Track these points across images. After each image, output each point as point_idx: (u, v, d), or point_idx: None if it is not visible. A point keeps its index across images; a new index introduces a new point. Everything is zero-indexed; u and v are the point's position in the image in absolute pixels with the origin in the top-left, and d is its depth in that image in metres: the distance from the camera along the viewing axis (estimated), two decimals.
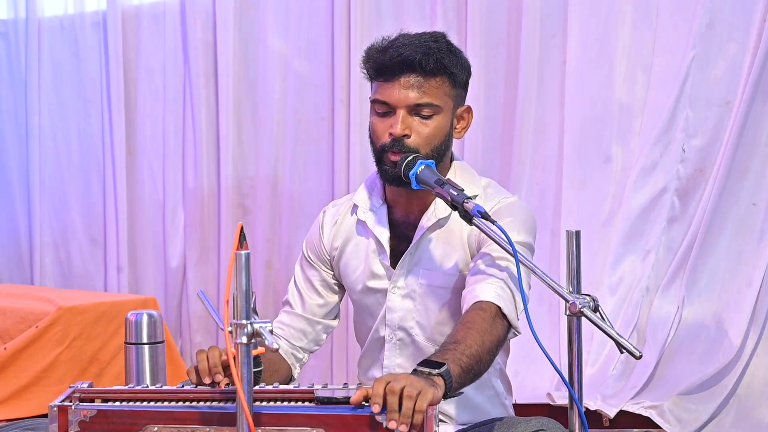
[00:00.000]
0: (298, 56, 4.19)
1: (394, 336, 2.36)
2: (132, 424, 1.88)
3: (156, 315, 3.52)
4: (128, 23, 4.46)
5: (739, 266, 3.62)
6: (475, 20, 3.87)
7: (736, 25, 3.61)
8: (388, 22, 3.99)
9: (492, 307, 2.11)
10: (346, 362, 4.10)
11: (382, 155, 2.28)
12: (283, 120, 4.23)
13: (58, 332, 3.74)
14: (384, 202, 2.38)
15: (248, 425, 1.73)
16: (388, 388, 1.79)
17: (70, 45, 4.56)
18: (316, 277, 2.46)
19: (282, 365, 2.41)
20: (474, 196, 2.30)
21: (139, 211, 4.50)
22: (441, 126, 2.28)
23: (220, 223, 4.35)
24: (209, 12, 4.29)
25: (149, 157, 4.47)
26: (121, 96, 4.44)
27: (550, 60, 3.82)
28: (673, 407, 3.50)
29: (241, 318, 1.73)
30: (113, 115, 4.45)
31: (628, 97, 3.74)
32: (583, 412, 2.01)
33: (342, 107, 4.08)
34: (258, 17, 4.25)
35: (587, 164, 3.79)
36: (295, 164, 4.23)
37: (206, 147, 4.32)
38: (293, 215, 4.24)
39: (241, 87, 4.28)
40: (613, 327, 1.96)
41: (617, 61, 3.75)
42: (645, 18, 3.72)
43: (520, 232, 2.24)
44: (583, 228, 2.25)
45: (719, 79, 3.62)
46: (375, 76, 2.30)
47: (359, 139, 4.04)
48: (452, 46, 2.30)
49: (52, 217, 4.62)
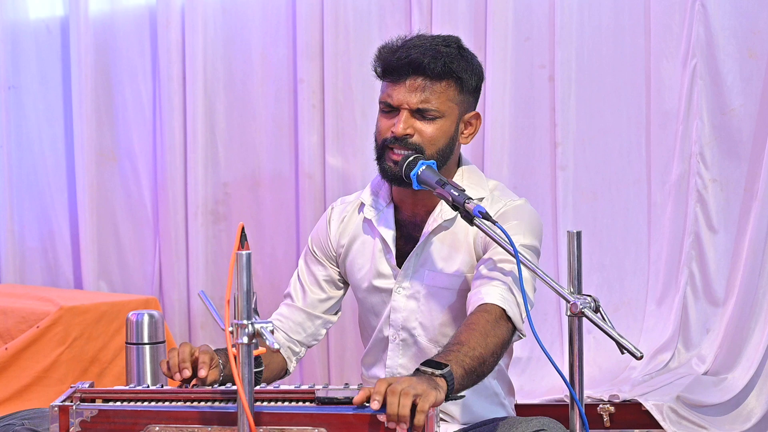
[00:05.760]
0: (275, 60, 4.14)
1: (398, 336, 2.36)
2: (133, 424, 1.88)
3: (157, 315, 3.51)
4: (99, 27, 4.38)
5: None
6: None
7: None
8: (365, 25, 3.96)
9: (496, 309, 2.11)
10: (344, 361, 4.09)
11: (383, 151, 2.28)
12: (261, 125, 4.18)
13: (59, 332, 3.74)
14: (391, 202, 2.38)
15: (249, 425, 1.73)
16: (389, 388, 1.79)
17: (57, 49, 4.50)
18: (321, 273, 2.46)
19: (275, 359, 2.40)
20: (480, 198, 2.30)
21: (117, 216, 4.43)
22: (445, 129, 2.27)
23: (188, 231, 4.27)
24: (181, 15, 4.22)
25: (131, 161, 4.39)
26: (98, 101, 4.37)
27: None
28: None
29: (242, 318, 1.73)
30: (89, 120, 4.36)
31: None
32: (583, 412, 2.01)
33: (316, 113, 4.04)
34: (234, 21, 4.20)
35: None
36: (274, 170, 4.20)
37: (183, 152, 4.23)
38: (276, 222, 4.18)
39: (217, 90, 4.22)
40: (614, 327, 1.96)
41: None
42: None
43: (525, 235, 2.24)
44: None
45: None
46: (382, 76, 2.30)
47: (335, 145, 4.01)
48: (464, 51, 2.30)
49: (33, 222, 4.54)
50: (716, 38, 3.63)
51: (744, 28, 3.63)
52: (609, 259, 3.81)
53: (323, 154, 4.04)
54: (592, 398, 3.55)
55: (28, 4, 4.54)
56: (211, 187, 4.23)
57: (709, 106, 3.67)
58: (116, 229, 4.42)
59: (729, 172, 3.69)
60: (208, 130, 4.22)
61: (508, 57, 3.81)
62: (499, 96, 3.82)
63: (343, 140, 4.02)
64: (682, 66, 3.67)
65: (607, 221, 3.81)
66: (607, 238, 3.81)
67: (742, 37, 3.63)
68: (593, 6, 3.77)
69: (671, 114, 3.71)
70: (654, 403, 3.48)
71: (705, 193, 3.70)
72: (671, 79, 3.71)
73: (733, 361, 3.66)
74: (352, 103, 4.00)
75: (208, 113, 4.22)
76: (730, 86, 3.65)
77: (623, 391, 3.56)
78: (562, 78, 3.76)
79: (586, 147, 3.81)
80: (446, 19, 3.83)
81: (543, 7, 3.80)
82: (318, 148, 4.05)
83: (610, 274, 3.81)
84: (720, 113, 3.67)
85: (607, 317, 1.99)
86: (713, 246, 3.71)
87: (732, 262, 3.71)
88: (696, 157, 3.69)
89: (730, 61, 3.64)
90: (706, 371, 3.70)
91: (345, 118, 4.01)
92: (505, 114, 3.83)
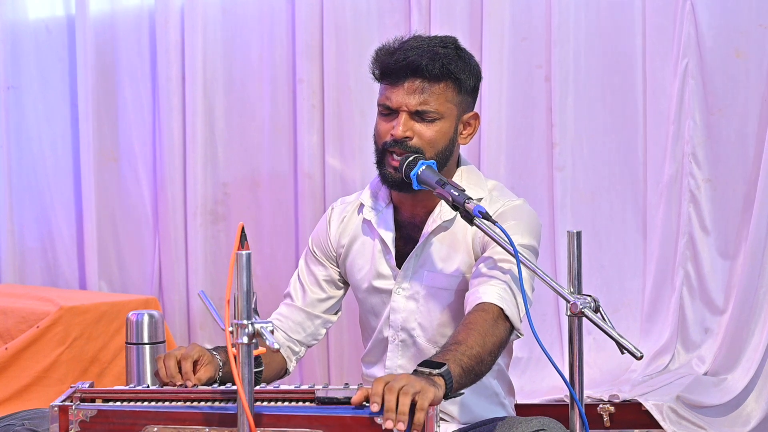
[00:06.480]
0: (274, 60, 4.13)
1: (397, 337, 2.36)
2: (132, 424, 1.88)
3: (157, 315, 3.51)
4: (100, 28, 4.37)
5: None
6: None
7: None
8: (364, 26, 3.96)
9: (494, 308, 2.11)
10: (343, 361, 4.09)
11: (383, 155, 2.28)
12: (261, 126, 4.17)
13: (59, 332, 3.74)
14: (390, 203, 2.38)
15: (249, 425, 1.73)
16: (386, 387, 1.79)
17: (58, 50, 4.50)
18: (321, 273, 2.46)
19: (274, 358, 2.40)
20: (479, 198, 2.30)
21: (117, 216, 4.42)
22: (444, 131, 2.27)
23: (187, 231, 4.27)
24: (180, 15, 4.21)
25: (131, 162, 4.39)
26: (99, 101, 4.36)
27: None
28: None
29: (242, 318, 1.73)
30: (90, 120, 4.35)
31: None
32: (583, 412, 2.01)
33: (315, 113, 4.04)
34: (233, 21, 4.19)
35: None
36: (273, 170, 4.20)
37: (182, 152, 4.21)
38: (275, 223, 4.18)
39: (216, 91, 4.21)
40: (614, 327, 1.96)
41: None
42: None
43: (524, 235, 2.24)
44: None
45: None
46: (381, 78, 2.30)
47: (334, 145, 4.01)
48: (461, 52, 2.30)
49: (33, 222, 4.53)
50: (705, 38, 3.64)
51: (730, 27, 3.64)
52: (608, 259, 3.81)
53: (323, 154, 4.04)
54: (592, 398, 3.55)
55: (28, 5, 4.54)
56: (210, 187, 4.23)
57: (701, 105, 3.68)
58: (116, 229, 4.42)
59: (722, 172, 3.69)
60: (208, 131, 4.22)
61: (504, 57, 3.82)
62: (496, 96, 3.82)
63: (343, 140, 4.02)
64: (674, 66, 3.68)
65: (605, 222, 3.81)
66: (606, 239, 3.81)
67: (729, 37, 3.64)
68: (589, 6, 3.77)
69: (664, 114, 3.72)
70: (654, 403, 3.48)
71: (698, 193, 3.71)
72: (664, 79, 3.71)
73: (732, 362, 3.67)
74: (351, 103, 4.00)
75: (207, 113, 4.21)
76: (720, 86, 3.66)
77: (623, 391, 3.56)
78: (558, 78, 3.76)
79: (583, 147, 3.81)
80: (444, 20, 3.83)
81: (539, 8, 3.80)
82: (317, 148, 4.05)
83: (609, 275, 3.81)
84: (710, 113, 3.68)
85: (607, 317, 1.99)
86: (707, 246, 3.72)
87: (730, 263, 3.71)
88: (688, 157, 3.70)
89: (718, 61, 3.65)
90: (706, 371, 3.70)
91: (344, 118, 4.01)
92: (502, 114, 3.83)
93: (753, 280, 3.62)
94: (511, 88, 3.83)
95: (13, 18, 4.53)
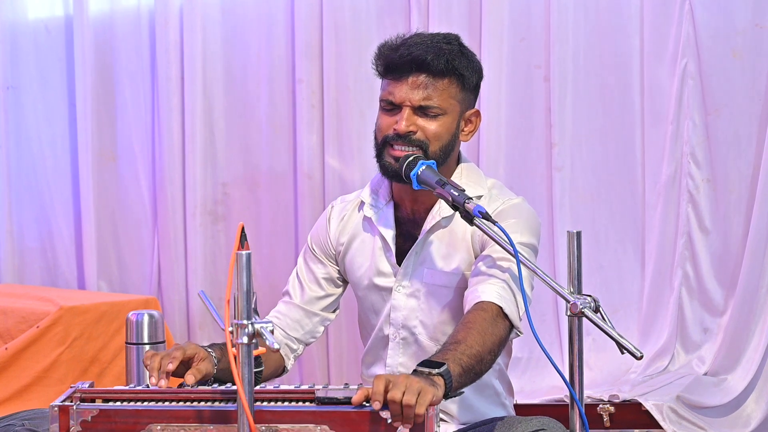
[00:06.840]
0: (274, 60, 4.13)
1: (398, 335, 2.36)
2: (135, 423, 1.89)
3: (157, 315, 3.51)
4: (99, 28, 4.37)
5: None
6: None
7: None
8: (364, 25, 3.96)
9: (493, 307, 2.11)
10: (343, 360, 4.08)
11: (383, 149, 2.29)
12: (260, 125, 4.17)
13: (59, 332, 3.74)
14: (390, 200, 2.38)
15: (249, 425, 1.73)
16: (389, 396, 1.79)
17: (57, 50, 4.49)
18: (320, 271, 2.46)
19: (272, 356, 2.40)
20: (479, 196, 2.30)
21: (117, 216, 4.42)
22: (447, 126, 2.28)
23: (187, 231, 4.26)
24: (179, 15, 4.20)
25: (131, 162, 4.38)
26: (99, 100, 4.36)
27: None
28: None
29: (242, 318, 1.73)
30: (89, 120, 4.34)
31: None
32: (583, 412, 2.01)
33: (315, 113, 4.04)
34: (232, 21, 4.19)
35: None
36: (273, 170, 4.20)
37: (181, 152, 4.21)
38: (275, 222, 4.17)
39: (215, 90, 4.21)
40: (614, 327, 1.97)
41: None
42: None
43: (523, 233, 2.24)
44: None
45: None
46: (384, 74, 2.30)
47: (334, 145, 4.00)
48: (464, 48, 2.30)
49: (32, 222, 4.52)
50: (703, 38, 3.64)
51: (728, 27, 3.64)
52: (607, 260, 3.81)
53: (322, 154, 4.04)
54: (592, 398, 3.55)
55: (27, 5, 4.53)
56: (209, 187, 4.23)
57: (699, 106, 3.68)
58: (115, 229, 4.41)
59: (720, 172, 3.69)
60: (207, 130, 4.21)
61: (503, 58, 3.82)
62: (495, 96, 3.82)
63: (342, 140, 4.02)
64: (673, 66, 3.68)
65: (604, 222, 3.82)
66: (605, 239, 3.81)
67: (727, 37, 3.64)
68: (588, 6, 3.78)
69: (663, 114, 3.72)
70: (654, 403, 3.49)
71: (697, 193, 3.71)
72: (662, 79, 3.72)
73: (733, 362, 3.67)
74: (351, 103, 4.00)
75: (206, 113, 4.21)
76: (718, 86, 3.66)
77: (623, 391, 3.57)
78: (557, 78, 3.77)
79: (582, 147, 3.81)
80: (443, 20, 3.83)
81: (538, 8, 3.80)
82: (317, 148, 4.05)
83: (608, 276, 3.81)
84: (708, 113, 3.68)
85: (607, 317, 1.99)
86: (706, 246, 3.72)
87: (729, 263, 3.71)
88: (687, 157, 3.70)
89: (716, 61, 3.65)
90: (706, 372, 3.70)
91: (344, 118, 4.01)
92: (501, 115, 3.83)
93: (753, 280, 3.62)
94: (510, 89, 3.83)
95: (13, 18, 4.53)
